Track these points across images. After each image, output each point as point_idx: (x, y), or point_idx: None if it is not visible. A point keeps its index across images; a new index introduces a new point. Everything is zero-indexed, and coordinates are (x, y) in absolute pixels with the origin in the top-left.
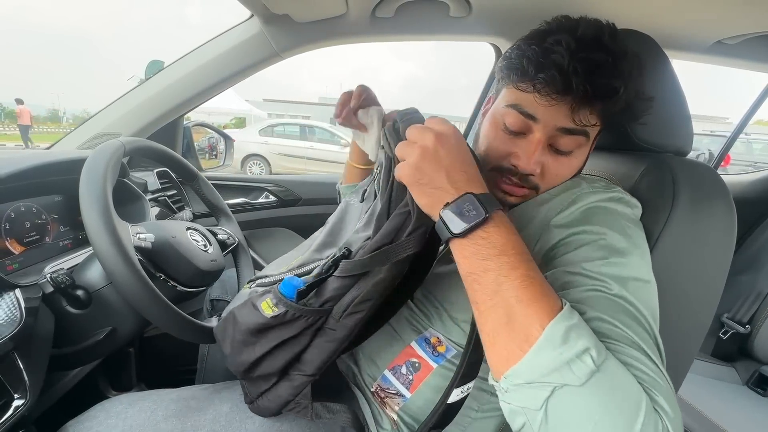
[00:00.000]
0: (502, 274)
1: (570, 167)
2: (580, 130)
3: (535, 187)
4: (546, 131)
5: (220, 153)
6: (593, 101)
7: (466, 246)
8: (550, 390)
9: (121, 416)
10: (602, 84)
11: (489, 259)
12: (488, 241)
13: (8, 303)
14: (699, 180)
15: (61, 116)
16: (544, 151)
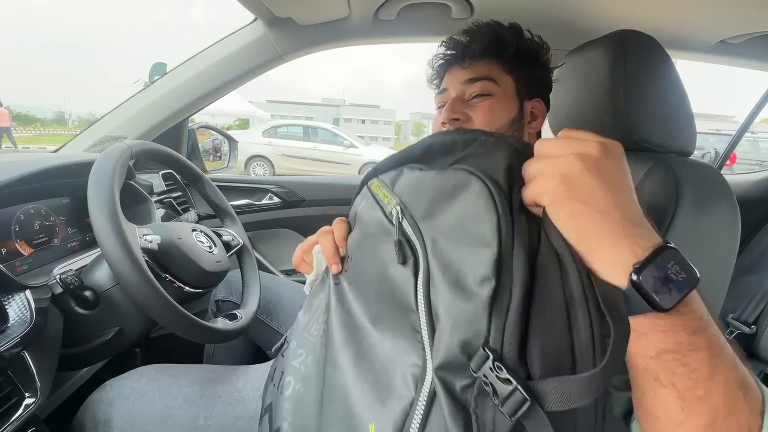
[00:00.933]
0: (716, 353)
1: (491, 108)
2: (479, 76)
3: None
4: (456, 89)
5: (224, 154)
6: (470, 51)
7: (665, 318)
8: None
9: (152, 378)
10: (470, 42)
11: (697, 333)
12: (692, 309)
13: (19, 304)
14: (702, 180)
15: (66, 119)
16: (463, 104)
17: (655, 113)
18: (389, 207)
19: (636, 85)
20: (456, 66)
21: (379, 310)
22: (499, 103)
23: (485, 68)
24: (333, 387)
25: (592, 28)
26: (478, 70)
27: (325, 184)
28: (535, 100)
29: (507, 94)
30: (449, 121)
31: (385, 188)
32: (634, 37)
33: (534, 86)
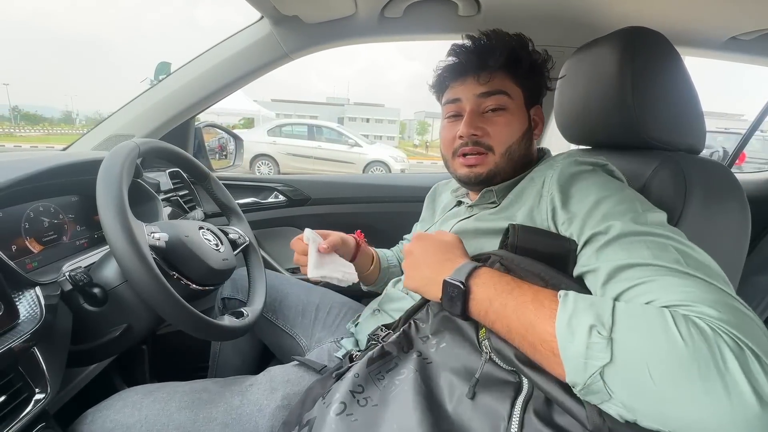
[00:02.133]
0: (502, 316)
1: (508, 122)
2: (494, 90)
3: (488, 147)
4: (470, 102)
5: (230, 153)
6: (486, 66)
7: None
8: (600, 378)
9: (137, 406)
10: (485, 54)
11: (483, 315)
12: (474, 306)
13: (29, 300)
14: (711, 178)
15: (74, 118)
16: (479, 118)
17: (663, 111)
18: (481, 335)
19: (644, 82)
20: (470, 77)
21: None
22: (513, 117)
23: (500, 82)
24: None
25: (600, 25)
26: (494, 83)
27: (331, 182)
28: (535, 107)
29: (518, 106)
30: (469, 136)
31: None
32: (642, 33)
33: (537, 95)
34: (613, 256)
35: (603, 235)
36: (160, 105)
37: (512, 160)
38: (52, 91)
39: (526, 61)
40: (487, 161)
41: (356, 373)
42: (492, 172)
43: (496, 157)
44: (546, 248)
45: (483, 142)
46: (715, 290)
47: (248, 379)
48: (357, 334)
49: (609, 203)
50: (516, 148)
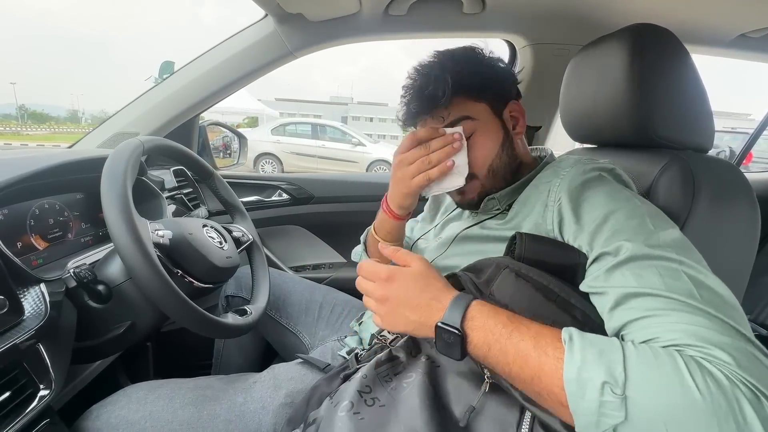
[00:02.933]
0: (503, 363)
1: (481, 145)
2: (457, 118)
3: (469, 176)
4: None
5: (234, 152)
6: (437, 105)
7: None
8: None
9: (142, 402)
10: (431, 93)
11: (483, 359)
12: (473, 349)
13: (34, 297)
14: (720, 177)
15: (80, 117)
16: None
17: (671, 109)
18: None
19: (652, 80)
20: (428, 119)
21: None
22: (484, 137)
23: (458, 109)
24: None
25: (606, 23)
26: (453, 113)
27: (334, 181)
28: (510, 104)
29: (487, 121)
30: None
31: None
32: (650, 30)
33: (505, 96)
34: (623, 281)
35: (612, 256)
36: (164, 103)
37: (498, 174)
38: (58, 90)
39: (475, 76)
40: (473, 187)
41: (364, 374)
42: (483, 194)
43: (482, 180)
44: (554, 259)
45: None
46: (728, 330)
47: (252, 376)
48: (361, 332)
49: (619, 218)
50: (498, 162)
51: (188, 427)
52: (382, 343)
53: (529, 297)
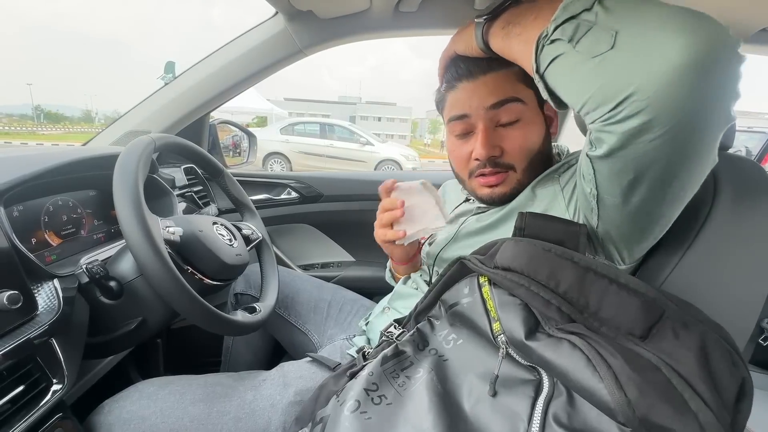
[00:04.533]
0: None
1: (526, 134)
2: (506, 98)
3: (508, 166)
4: (482, 117)
5: (244, 150)
6: (494, 70)
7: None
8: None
9: (153, 398)
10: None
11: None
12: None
13: (47, 292)
14: (742, 175)
15: (93, 116)
16: (494, 133)
17: None
18: (496, 329)
19: None
20: (472, 80)
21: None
22: (530, 126)
23: (509, 86)
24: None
25: None
26: (502, 88)
27: (343, 179)
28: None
29: (533, 110)
30: (487, 158)
31: (492, 300)
32: None
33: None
34: None
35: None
36: (176, 101)
37: (535, 170)
38: (72, 90)
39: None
40: (509, 179)
41: (371, 371)
42: (516, 190)
43: (518, 174)
44: (554, 234)
45: (502, 162)
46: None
47: (261, 374)
48: (368, 332)
49: None
50: (538, 158)
51: (198, 423)
52: (388, 339)
53: (529, 251)
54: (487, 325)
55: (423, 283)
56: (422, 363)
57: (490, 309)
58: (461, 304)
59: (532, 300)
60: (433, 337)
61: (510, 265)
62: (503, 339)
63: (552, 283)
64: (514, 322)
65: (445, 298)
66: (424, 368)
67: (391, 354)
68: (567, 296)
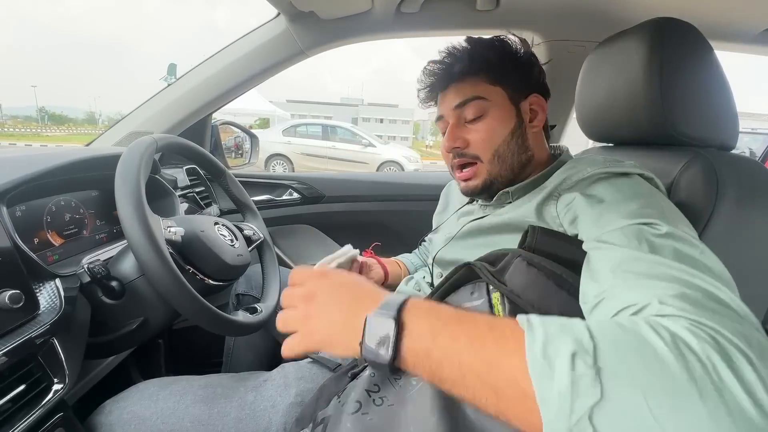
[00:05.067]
0: (452, 353)
1: (489, 127)
2: (468, 98)
3: (473, 157)
4: (450, 116)
5: (246, 151)
6: (452, 77)
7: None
8: (588, 422)
9: (154, 398)
10: (449, 65)
11: (430, 353)
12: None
13: (49, 292)
14: (745, 175)
15: (97, 118)
16: (460, 129)
17: (693, 105)
18: None
19: (674, 75)
20: (442, 91)
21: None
22: (495, 120)
23: (471, 88)
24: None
25: (623, 18)
26: (464, 91)
27: (345, 180)
28: (531, 97)
29: (501, 106)
30: (450, 150)
31: (501, 306)
32: (671, 24)
33: (525, 86)
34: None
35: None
36: (178, 102)
37: (505, 162)
38: (76, 92)
39: (496, 60)
40: (479, 171)
41: (372, 372)
42: (488, 181)
43: (486, 165)
44: (566, 254)
45: (467, 153)
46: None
47: (262, 374)
48: None
49: (635, 205)
50: (505, 149)
51: (199, 424)
52: None
53: (541, 286)
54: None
55: (425, 284)
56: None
57: (497, 315)
58: (465, 307)
59: None
60: None
61: (521, 295)
62: None
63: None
64: None
65: (448, 301)
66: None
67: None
68: None
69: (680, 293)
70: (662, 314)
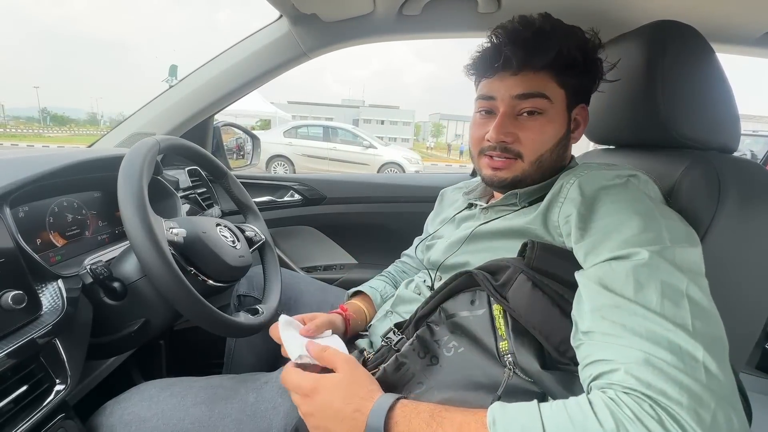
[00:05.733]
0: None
1: (542, 129)
2: (533, 92)
3: (516, 154)
4: (505, 103)
5: (248, 153)
6: (529, 65)
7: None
8: None
9: (155, 399)
10: (530, 51)
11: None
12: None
13: (51, 292)
14: (747, 178)
15: (99, 119)
16: (512, 121)
17: (695, 107)
18: (503, 348)
19: (675, 78)
20: (509, 73)
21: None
22: (549, 122)
23: (540, 82)
24: None
25: (625, 21)
26: (534, 84)
27: (347, 182)
28: (580, 106)
29: (558, 109)
30: (497, 142)
31: (502, 319)
32: (673, 27)
33: (582, 93)
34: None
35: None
36: (180, 104)
37: (542, 168)
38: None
39: (577, 61)
40: (515, 167)
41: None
42: (517, 179)
43: (525, 165)
44: (564, 274)
45: (512, 149)
46: (698, 380)
47: (263, 376)
48: (371, 335)
49: (633, 228)
50: (548, 156)
51: (199, 425)
52: (388, 345)
53: (544, 310)
54: (493, 343)
55: (425, 288)
56: (424, 376)
57: (498, 328)
58: (463, 315)
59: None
60: (432, 344)
61: (523, 315)
62: (510, 360)
63: (563, 347)
64: (527, 352)
65: (446, 307)
66: (426, 381)
67: (392, 369)
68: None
69: (647, 359)
70: (626, 387)
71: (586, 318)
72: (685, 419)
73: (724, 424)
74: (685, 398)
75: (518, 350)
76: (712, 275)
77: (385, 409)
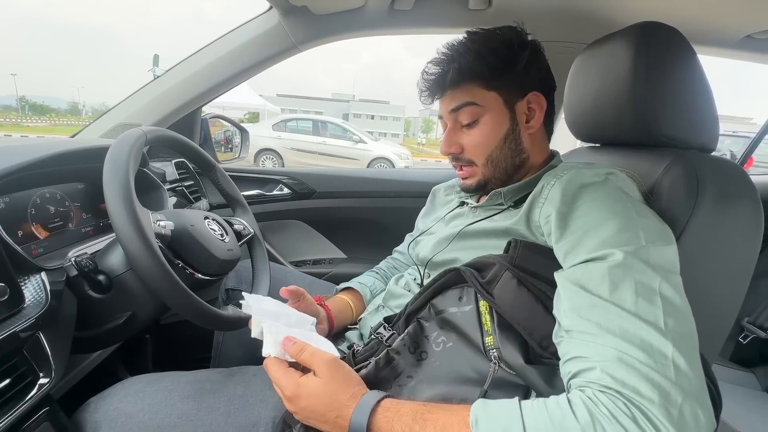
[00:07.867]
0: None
1: (481, 132)
2: (461, 104)
3: (468, 161)
4: (447, 118)
5: (236, 146)
6: (444, 86)
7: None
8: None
9: (140, 395)
10: (441, 73)
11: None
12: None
13: (34, 285)
14: (725, 177)
15: (80, 109)
16: (457, 133)
17: (676, 107)
18: (488, 343)
19: (658, 78)
20: (435, 92)
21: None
22: (487, 126)
23: (465, 93)
24: None
25: (612, 21)
26: (459, 96)
27: (336, 176)
28: (529, 95)
29: (495, 110)
30: (447, 155)
31: (489, 315)
32: (657, 29)
33: (521, 87)
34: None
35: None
36: (167, 95)
37: (498, 166)
38: (59, 82)
39: (491, 64)
40: (473, 173)
41: (363, 376)
42: (482, 182)
43: (480, 168)
44: (546, 273)
45: (463, 158)
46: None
47: (251, 369)
48: (361, 328)
49: (610, 228)
50: (499, 153)
51: (187, 419)
52: (378, 340)
53: (529, 308)
54: (479, 338)
55: (414, 284)
56: (413, 370)
57: (484, 323)
58: (452, 311)
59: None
60: (422, 339)
61: (508, 311)
62: (495, 354)
63: (545, 343)
64: (512, 347)
65: (435, 303)
66: (416, 375)
67: (384, 363)
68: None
69: (621, 357)
70: (602, 385)
71: (565, 316)
72: (656, 416)
73: (690, 418)
74: (656, 395)
75: (503, 345)
76: (687, 271)
77: (367, 413)
